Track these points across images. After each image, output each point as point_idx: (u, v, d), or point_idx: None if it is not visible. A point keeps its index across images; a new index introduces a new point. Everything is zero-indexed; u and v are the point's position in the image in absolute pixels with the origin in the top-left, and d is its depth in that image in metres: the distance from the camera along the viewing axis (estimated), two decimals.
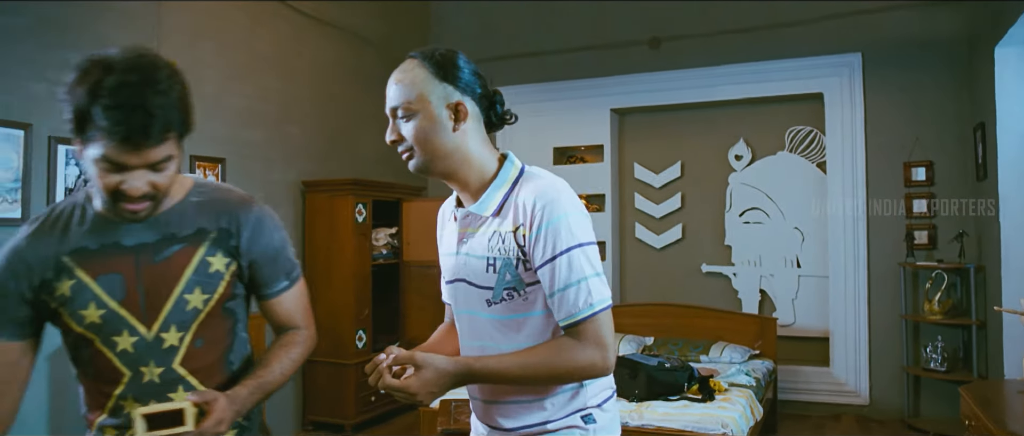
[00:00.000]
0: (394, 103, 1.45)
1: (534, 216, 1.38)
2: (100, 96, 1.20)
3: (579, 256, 1.37)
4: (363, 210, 5.26)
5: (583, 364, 1.37)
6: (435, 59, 1.44)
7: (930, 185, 5.29)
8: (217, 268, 1.45)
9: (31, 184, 3.57)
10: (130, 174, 1.27)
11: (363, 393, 5.15)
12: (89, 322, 1.36)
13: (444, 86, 1.43)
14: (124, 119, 1.21)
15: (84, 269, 1.36)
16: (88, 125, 1.23)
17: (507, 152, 1.52)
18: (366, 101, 5.98)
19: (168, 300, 1.39)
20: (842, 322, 5.52)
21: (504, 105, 1.52)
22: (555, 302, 1.38)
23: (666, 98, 6.06)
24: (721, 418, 3.41)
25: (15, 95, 3.51)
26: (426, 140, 1.43)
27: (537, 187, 1.41)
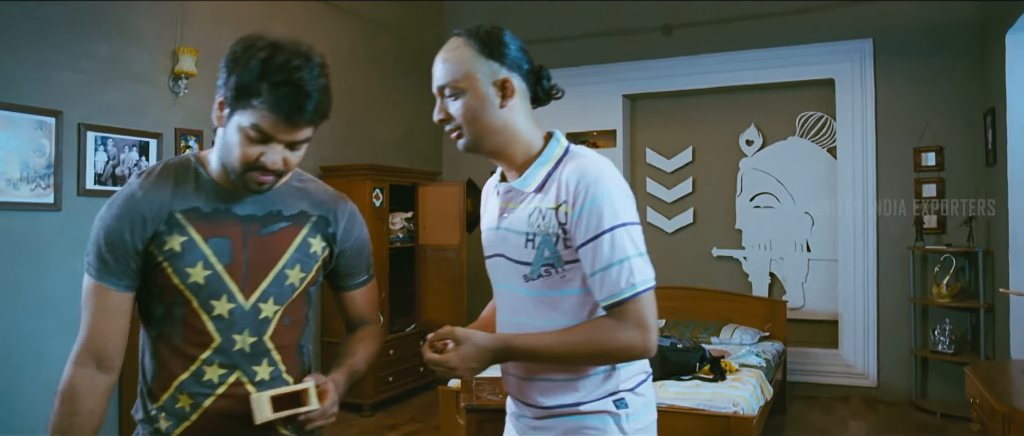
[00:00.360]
0: (441, 82, 1.45)
1: (577, 194, 1.37)
2: (270, 71, 1.28)
3: (622, 235, 1.36)
4: (380, 194, 5.36)
5: (623, 345, 1.36)
6: (481, 36, 1.44)
7: (940, 170, 5.35)
8: (315, 250, 1.50)
9: (62, 170, 3.68)
10: (271, 148, 1.34)
11: (381, 373, 5.28)
12: (192, 281, 1.37)
13: (490, 63, 1.43)
14: (289, 96, 1.29)
15: (196, 228, 1.38)
16: (249, 95, 1.30)
17: (553, 130, 1.51)
18: (381, 87, 6.07)
19: (270, 272, 1.43)
20: (851, 305, 5.60)
21: (550, 79, 1.52)
22: (596, 281, 1.37)
23: (678, 84, 6.12)
24: (732, 397, 3.51)
25: (47, 83, 3.62)
26: (474, 118, 1.43)
27: (581, 165, 1.40)
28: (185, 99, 4.33)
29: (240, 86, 1.31)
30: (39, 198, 3.60)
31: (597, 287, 1.37)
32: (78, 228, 3.73)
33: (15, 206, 3.49)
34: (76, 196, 3.76)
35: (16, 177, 3.49)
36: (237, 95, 1.32)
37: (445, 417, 4.02)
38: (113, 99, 3.94)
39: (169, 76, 4.25)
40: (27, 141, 3.53)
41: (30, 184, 3.55)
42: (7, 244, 3.46)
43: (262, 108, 1.30)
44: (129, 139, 4.02)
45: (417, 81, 6.63)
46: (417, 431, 4.77)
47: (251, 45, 1.33)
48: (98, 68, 3.86)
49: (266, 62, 1.29)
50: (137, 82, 4.07)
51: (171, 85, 4.26)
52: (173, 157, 1.47)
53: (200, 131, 4.42)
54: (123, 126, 3.98)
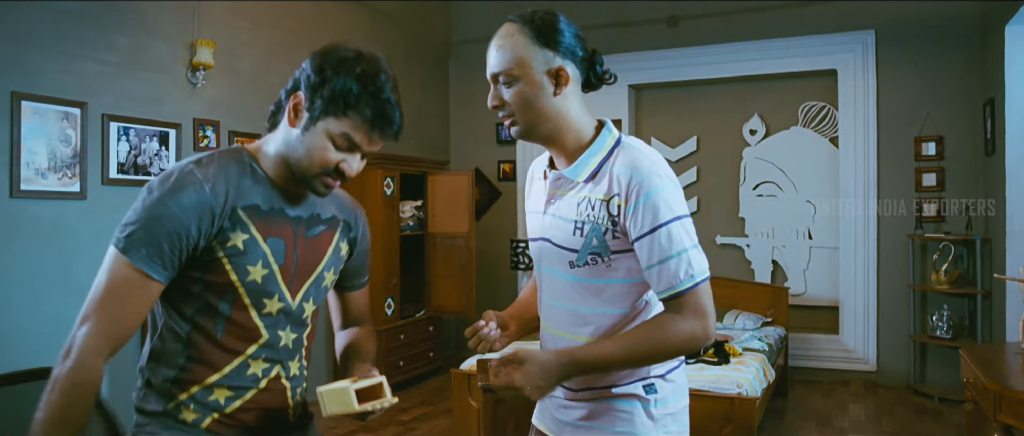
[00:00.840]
0: (495, 69, 1.45)
1: (631, 188, 1.39)
2: (370, 85, 1.34)
3: (678, 228, 1.37)
4: (391, 183, 5.48)
5: (685, 337, 1.37)
6: (535, 23, 1.44)
7: (940, 159, 5.46)
8: (343, 253, 1.56)
9: (87, 159, 3.79)
10: (353, 156, 1.38)
11: (392, 358, 5.42)
12: (251, 279, 1.36)
13: (545, 51, 1.43)
14: (385, 111, 1.35)
15: (256, 226, 1.37)
16: (346, 106, 1.33)
17: (605, 119, 1.51)
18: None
19: (312, 273, 1.47)
20: (852, 292, 5.72)
21: (603, 65, 1.52)
22: (654, 274, 1.38)
23: (682, 74, 6.22)
24: (736, 379, 3.64)
25: (73, 75, 3.72)
26: (528, 106, 1.44)
27: (633, 158, 1.42)
28: (202, 90, 4.44)
29: (338, 95, 1.33)
30: (65, 187, 3.71)
31: (655, 280, 1.39)
32: (102, 216, 3.85)
33: (43, 195, 3.60)
34: (100, 185, 3.87)
35: (44, 167, 3.60)
36: (331, 103, 1.33)
37: (457, 400, 4.15)
38: (134, 90, 4.04)
39: (187, 68, 4.35)
40: (54, 131, 3.65)
41: (57, 173, 3.66)
42: (35, 231, 3.58)
43: (357, 119, 1.34)
44: (150, 129, 4.13)
45: (425, 73, 6.73)
46: (428, 414, 4.91)
47: (345, 55, 1.37)
48: (120, 60, 3.97)
49: (365, 76, 1.34)
50: (157, 74, 4.18)
51: (189, 76, 4.37)
52: (222, 149, 1.45)
53: (217, 122, 4.53)
54: (144, 117, 4.09)
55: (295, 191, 1.44)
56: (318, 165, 1.36)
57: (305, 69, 1.38)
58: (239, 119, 4.70)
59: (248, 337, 1.39)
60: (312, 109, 1.35)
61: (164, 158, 4.21)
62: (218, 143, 4.54)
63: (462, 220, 5.81)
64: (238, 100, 4.71)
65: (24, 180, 3.51)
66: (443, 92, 7.00)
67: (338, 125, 1.34)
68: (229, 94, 4.64)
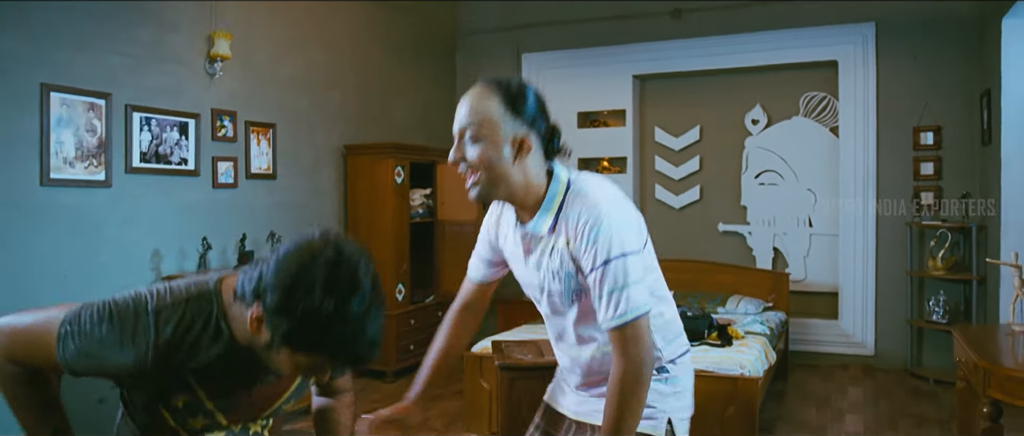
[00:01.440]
0: (463, 124, 1.52)
1: (580, 232, 1.51)
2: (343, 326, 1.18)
3: (620, 266, 1.48)
4: (401, 172, 5.60)
5: (631, 376, 1.49)
6: (506, 89, 1.52)
7: (938, 149, 5.58)
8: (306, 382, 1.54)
9: (111, 148, 3.92)
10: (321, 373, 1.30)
11: (403, 342, 5.56)
12: (190, 427, 1.38)
13: (513, 119, 1.51)
14: (359, 352, 1.21)
15: (204, 388, 1.34)
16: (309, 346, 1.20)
17: (553, 166, 1.60)
18: (399, 69, 6.30)
19: (268, 409, 1.48)
20: (851, 278, 5.87)
21: (561, 139, 1.61)
22: (601, 307, 1.51)
23: (686, 65, 6.33)
24: (739, 360, 3.78)
25: (98, 68, 3.85)
26: (489, 166, 1.51)
27: (582, 204, 1.53)
28: (220, 81, 4.56)
29: (303, 336, 1.19)
30: (92, 175, 3.84)
31: (601, 311, 1.51)
32: (127, 204, 3.99)
33: (71, 183, 3.73)
34: (124, 173, 4.00)
35: (72, 156, 3.73)
36: (296, 340, 1.20)
37: (469, 381, 4.31)
38: (155, 82, 4.17)
39: (205, 59, 4.47)
40: (81, 122, 3.77)
41: (84, 162, 3.79)
42: (64, 219, 3.71)
43: (325, 359, 1.23)
44: (170, 119, 4.26)
45: (433, 64, 6.85)
46: (439, 395, 5.06)
47: (312, 284, 1.17)
48: (141, 53, 4.09)
49: (338, 314, 1.17)
50: (176, 65, 4.30)
51: (207, 68, 4.49)
52: (197, 288, 1.34)
53: (234, 112, 4.66)
54: (165, 107, 4.22)
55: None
56: (284, 373, 1.34)
57: (267, 283, 1.21)
58: (255, 109, 4.82)
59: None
60: (274, 333, 1.21)
61: (184, 147, 4.33)
62: (235, 133, 4.66)
63: (470, 208, 5.93)
64: (254, 91, 4.84)
65: (53, 169, 3.65)
66: (450, 84, 7.12)
67: (305, 359, 1.23)
68: (246, 85, 4.76)
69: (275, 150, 5.00)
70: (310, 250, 1.21)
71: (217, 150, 4.56)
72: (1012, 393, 2.42)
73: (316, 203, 5.40)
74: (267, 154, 4.95)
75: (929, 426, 4.38)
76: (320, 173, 5.45)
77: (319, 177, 5.44)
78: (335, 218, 5.59)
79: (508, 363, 2.92)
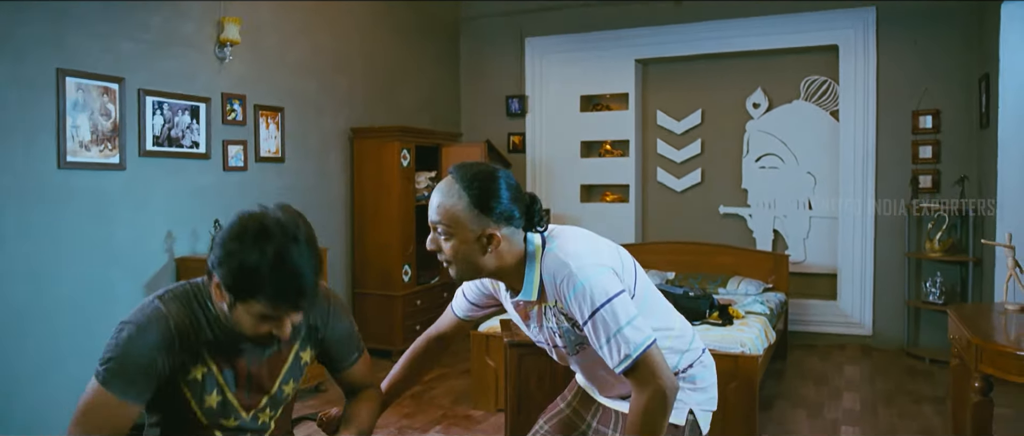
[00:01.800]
0: (433, 219, 1.59)
1: (561, 292, 1.59)
2: (269, 268, 1.39)
3: (608, 312, 1.54)
4: (407, 155, 5.68)
5: (657, 403, 1.55)
6: (474, 189, 1.55)
7: (936, 133, 5.66)
8: (306, 360, 1.70)
9: (125, 132, 4.00)
10: (281, 322, 1.47)
11: (409, 322, 5.67)
12: (207, 406, 1.55)
13: (481, 218, 1.55)
14: (290, 288, 1.41)
15: (213, 360, 1.54)
16: (253, 291, 1.40)
17: (527, 235, 1.65)
18: (404, 53, 6.36)
19: (269, 391, 1.63)
20: (850, 260, 5.96)
21: (541, 211, 1.64)
22: (605, 353, 1.57)
23: (688, 49, 6.39)
24: (739, 338, 3.88)
25: (111, 53, 3.92)
26: (461, 259, 1.59)
27: (553, 268, 1.59)
28: (230, 65, 4.63)
29: (242, 285, 1.41)
30: (107, 159, 3.92)
31: (607, 357, 1.57)
32: (140, 186, 4.07)
33: (87, 166, 3.81)
34: (138, 157, 4.07)
35: (87, 139, 3.81)
36: (240, 292, 1.42)
37: (476, 360, 4.41)
38: (167, 66, 4.23)
39: (215, 44, 4.54)
40: (95, 106, 3.85)
41: (99, 146, 3.87)
42: (80, 201, 3.79)
43: (266, 301, 1.41)
44: (182, 103, 4.33)
45: (436, 48, 6.91)
46: (446, 374, 5.16)
47: (240, 239, 1.41)
48: (153, 38, 4.15)
49: (263, 259, 1.39)
50: (187, 50, 4.36)
51: (217, 52, 4.55)
52: (182, 286, 1.58)
53: (243, 96, 4.72)
54: (176, 91, 4.29)
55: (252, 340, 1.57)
56: (252, 332, 1.50)
57: (215, 253, 1.44)
58: (263, 93, 4.89)
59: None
60: (228, 295, 1.44)
61: (195, 131, 4.41)
62: (244, 117, 4.74)
63: None
64: (263, 75, 4.90)
65: (70, 152, 3.72)
66: (454, 67, 7.18)
67: (253, 307, 1.43)
68: (254, 69, 4.83)
69: (283, 133, 5.07)
70: (241, 217, 1.45)
71: (227, 134, 4.64)
72: (1003, 368, 2.52)
73: (324, 186, 5.48)
74: (276, 137, 5.03)
75: (924, 403, 4.49)
76: (327, 156, 5.53)
77: (326, 160, 5.52)
78: (342, 201, 5.68)
79: (516, 340, 3.01)
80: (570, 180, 6.84)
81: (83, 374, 3.88)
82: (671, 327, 1.77)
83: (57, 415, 3.65)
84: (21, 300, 3.54)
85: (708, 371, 1.84)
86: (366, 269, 5.73)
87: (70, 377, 3.69)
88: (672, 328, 1.77)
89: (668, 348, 1.71)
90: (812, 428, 4.05)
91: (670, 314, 1.81)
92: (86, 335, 3.75)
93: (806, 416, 4.26)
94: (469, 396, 4.55)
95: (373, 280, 5.69)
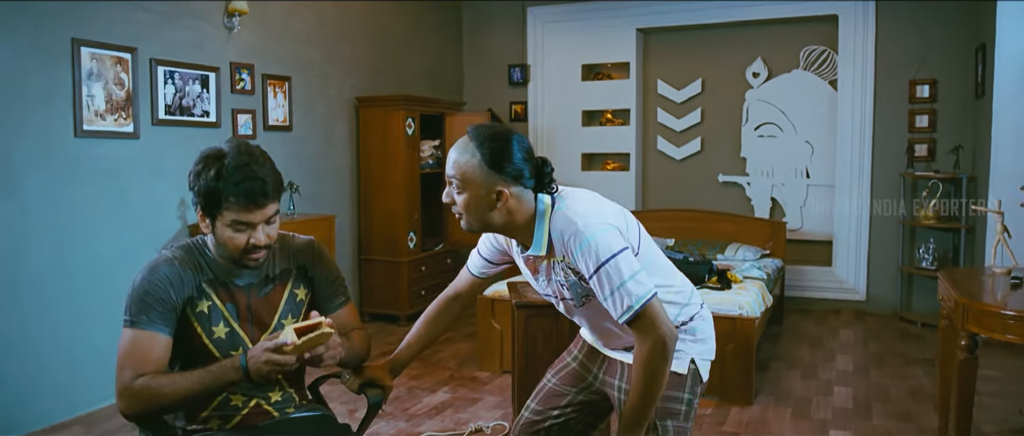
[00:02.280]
0: (449, 175, 1.73)
1: (569, 248, 1.70)
2: (225, 177, 1.66)
3: (610, 269, 1.65)
4: (412, 124, 5.76)
5: (658, 350, 1.66)
6: (489, 148, 1.67)
7: (933, 102, 5.75)
8: (301, 298, 1.92)
9: (138, 101, 4.08)
10: (255, 231, 1.72)
11: (415, 287, 5.80)
12: (217, 336, 1.77)
13: (492, 176, 1.67)
14: (249, 187, 1.67)
15: (216, 295, 1.79)
16: (219, 202, 1.67)
17: (538, 196, 1.76)
18: (407, 22, 6.41)
19: (270, 325, 1.84)
20: (845, 227, 6.09)
21: (551, 173, 1.76)
22: (609, 305, 1.68)
23: (689, 19, 6.45)
24: (738, 301, 4.02)
25: (126, 23, 3.99)
26: (472, 212, 1.72)
27: (561, 225, 1.71)
28: (238, 35, 4.69)
29: (209, 200, 1.69)
30: (121, 128, 4.01)
31: (612, 311, 1.69)
32: (153, 154, 4.16)
33: (102, 134, 3.90)
34: (151, 125, 4.16)
35: (102, 109, 3.90)
36: (209, 207, 1.70)
37: (482, 323, 4.55)
38: (178, 36, 4.30)
39: (224, 15, 4.60)
40: (110, 76, 3.93)
41: (113, 115, 3.96)
42: (96, 169, 3.89)
43: (233, 206, 1.68)
44: (192, 73, 4.40)
45: (439, 17, 6.95)
46: (451, 338, 5.31)
47: (198, 166, 1.70)
48: (165, 8, 4.22)
49: (218, 172, 1.66)
50: (197, 20, 4.43)
51: (226, 22, 4.62)
52: (181, 242, 1.84)
53: (251, 65, 4.80)
54: (187, 61, 4.36)
55: (243, 268, 1.82)
56: (236, 250, 1.74)
57: (191, 190, 1.73)
58: (270, 62, 4.97)
59: None
60: (206, 217, 1.73)
61: (206, 100, 4.49)
62: (252, 86, 4.82)
63: None
64: (270, 45, 4.97)
65: (85, 121, 3.81)
66: (457, 36, 7.23)
67: (226, 217, 1.70)
68: (262, 39, 4.90)
69: (291, 102, 5.16)
70: (202, 151, 1.74)
71: (236, 103, 4.72)
72: (988, 327, 2.65)
73: (330, 154, 5.58)
74: (283, 106, 5.11)
75: (915, 365, 4.65)
76: (334, 125, 5.61)
77: (333, 129, 5.60)
78: (348, 169, 5.77)
79: (524, 301, 3.14)
80: (571, 149, 6.93)
81: (102, 333, 4.05)
82: (672, 284, 1.90)
83: (79, 370, 3.80)
84: (44, 262, 3.66)
85: (707, 324, 1.96)
86: (372, 236, 5.85)
87: (90, 335, 3.83)
88: (673, 284, 1.90)
89: (669, 302, 1.83)
90: (806, 388, 4.20)
91: (672, 272, 1.94)
92: (104, 296, 3.87)
93: (801, 377, 4.41)
94: (475, 359, 4.70)
95: (379, 247, 5.82)
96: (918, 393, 4.11)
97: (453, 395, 4.13)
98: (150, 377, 1.67)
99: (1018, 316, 2.56)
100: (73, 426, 3.69)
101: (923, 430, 3.55)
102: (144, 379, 1.67)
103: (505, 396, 4.05)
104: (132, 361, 1.68)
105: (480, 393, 4.15)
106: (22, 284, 3.57)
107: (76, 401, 3.82)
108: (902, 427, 3.61)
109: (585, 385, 2.07)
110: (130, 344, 1.69)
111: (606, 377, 2.01)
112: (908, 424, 3.64)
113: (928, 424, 3.62)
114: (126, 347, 1.69)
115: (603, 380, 2.02)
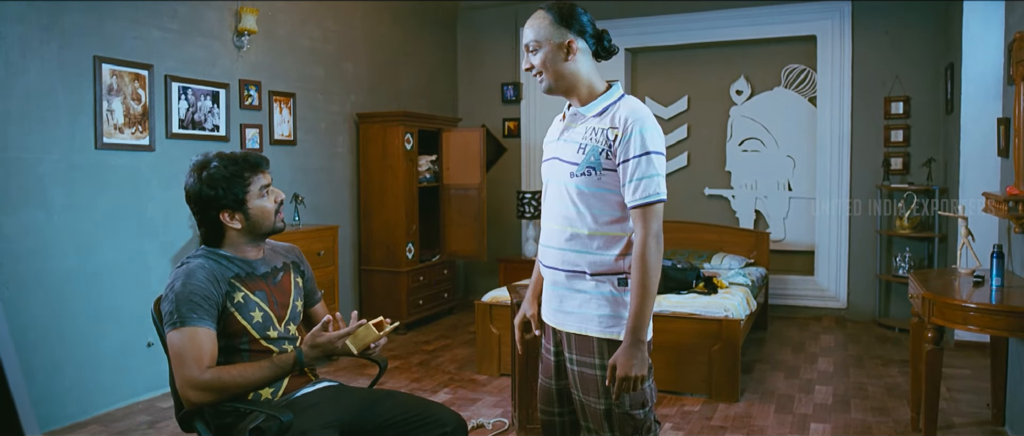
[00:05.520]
0: (526, 40, 2.00)
1: (628, 125, 1.90)
2: (226, 167, 2.05)
3: (657, 159, 1.90)
4: (410, 139, 6.00)
5: (652, 242, 1.89)
6: (557, 9, 1.98)
7: (906, 117, 6.06)
8: (301, 285, 2.28)
9: (154, 115, 4.29)
10: (273, 192, 2.12)
11: (413, 296, 6.00)
12: (256, 321, 2.07)
13: (561, 29, 1.96)
14: (247, 161, 2.09)
15: (244, 287, 2.08)
16: (240, 186, 2.06)
17: (615, 82, 2.05)
18: (405, 40, 6.66)
19: (289, 306, 2.18)
20: (826, 237, 6.37)
21: (610, 42, 2.03)
22: (631, 188, 1.88)
23: (675, 39, 6.74)
24: (723, 305, 4.25)
25: (142, 41, 4.20)
26: (547, 67, 1.97)
27: (632, 107, 1.95)
28: (247, 53, 4.92)
29: (230, 182, 2.05)
30: (138, 141, 4.21)
31: (630, 192, 1.89)
32: (168, 166, 4.37)
33: (120, 147, 4.10)
34: (165, 139, 4.37)
35: (121, 122, 4.10)
36: (231, 187, 2.05)
37: (480, 327, 4.75)
38: (191, 54, 4.52)
39: (234, 33, 4.83)
40: (128, 91, 4.14)
41: (131, 128, 4.17)
42: (114, 180, 4.09)
43: (250, 176, 2.08)
44: (204, 89, 4.62)
45: (434, 36, 7.21)
46: (449, 344, 5.51)
47: (198, 168, 2.06)
48: (179, 27, 4.44)
49: (224, 163, 2.06)
50: (209, 38, 4.65)
51: (235, 41, 4.84)
52: (197, 252, 2.13)
53: (259, 82, 5.02)
54: (199, 78, 4.58)
55: (253, 257, 2.15)
56: (270, 215, 2.13)
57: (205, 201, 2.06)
58: (276, 79, 5.19)
59: (266, 353, 2.11)
60: (233, 204, 2.06)
61: (216, 115, 4.70)
62: (260, 102, 5.04)
63: (474, 173, 6.35)
64: (276, 62, 5.20)
65: (105, 134, 4.01)
66: (452, 55, 7.49)
67: (253, 188, 2.09)
68: (269, 56, 5.13)
69: (295, 118, 5.38)
70: (193, 166, 2.09)
71: (244, 118, 4.94)
72: (950, 318, 2.90)
73: (332, 167, 5.79)
74: (288, 121, 5.33)
75: (891, 365, 4.90)
76: (335, 139, 5.83)
77: (334, 143, 5.82)
78: (349, 182, 5.99)
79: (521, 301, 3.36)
80: None
81: (120, 335, 4.29)
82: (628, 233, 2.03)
83: (99, 370, 3.97)
84: (68, 267, 3.85)
85: None
86: (372, 247, 6.05)
87: (107, 337, 4.01)
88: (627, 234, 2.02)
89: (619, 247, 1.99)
90: (789, 386, 4.43)
91: None
92: (123, 300, 4.06)
93: (784, 377, 4.65)
94: (473, 362, 4.90)
95: (379, 257, 6.02)
96: (894, 390, 4.35)
97: (454, 395, 4.32)
98: (220, 369, 1.94)
99: (978, 308, 2.81)
100: (90, 425, 3.85)
101: (897, 422, 3.79)
102: (214, 371, 1.93)
103: (504, 396, 4.25)
104: (192, 355, 1.92)
105: (479, 393, 4.35)
106: (46, 287, 3.75)
107: (94, 401, 3.99)
108: (878, 420, 3.84)
109: (566, 372, 2.09)
110: (187, 341, 1.92)
111: (577, 356, 2.03)
112: (884, 417, 3.88)
113: (902, 417, 3.86)
114: (184, 344, 1.92)
115: (577, 360, 2.03)
